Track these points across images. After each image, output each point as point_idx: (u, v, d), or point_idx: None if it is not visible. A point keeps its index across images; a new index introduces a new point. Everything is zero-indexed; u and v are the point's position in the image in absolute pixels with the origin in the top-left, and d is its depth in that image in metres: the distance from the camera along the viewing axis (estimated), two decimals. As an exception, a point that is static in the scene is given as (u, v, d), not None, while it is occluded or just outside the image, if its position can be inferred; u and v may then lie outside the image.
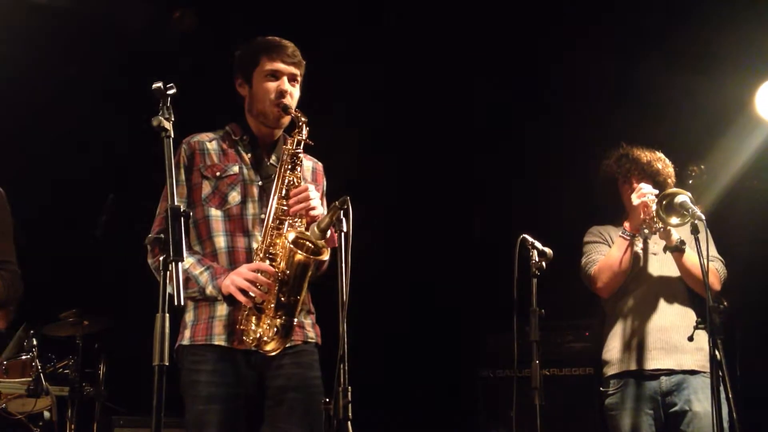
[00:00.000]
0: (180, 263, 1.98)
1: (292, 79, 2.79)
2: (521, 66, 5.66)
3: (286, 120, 2.78)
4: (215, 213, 2.70)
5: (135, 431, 4.69)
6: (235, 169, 2.74)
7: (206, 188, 2.72)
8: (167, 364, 1.94)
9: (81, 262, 5.35)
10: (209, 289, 2.59)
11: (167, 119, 2.16)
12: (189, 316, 2.70)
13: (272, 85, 2.75)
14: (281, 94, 2.74)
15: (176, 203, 2.05)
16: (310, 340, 2.72)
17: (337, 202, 2.44)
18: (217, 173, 2.73)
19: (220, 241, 2.68)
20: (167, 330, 1.96)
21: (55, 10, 4.76)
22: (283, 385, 2.62)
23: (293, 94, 2.79)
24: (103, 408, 5.18)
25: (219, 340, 2.61)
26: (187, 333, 2.67)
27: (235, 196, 2.70)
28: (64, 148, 5.54)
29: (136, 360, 5.31)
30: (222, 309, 2.63)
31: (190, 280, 2.62)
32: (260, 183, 2.75)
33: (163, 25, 5.10)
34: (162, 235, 2.02)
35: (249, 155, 2.78)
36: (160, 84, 2.20)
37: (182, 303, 1.95)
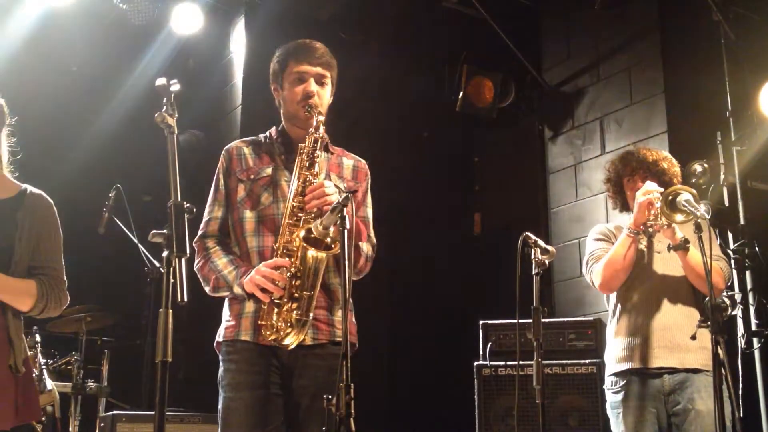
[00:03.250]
0: (184, 259, 1.98)
1: (320, 80, 2.83)
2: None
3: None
4: (249, 215, 2.77)
5: (138, 427, 4.69)
6: (268, 171, 2.81)
7: (241, 191, 2.80)
8: (170, 360, 1.95)
9: (84, 258, 5.36)
10: (235, 288, 2.69)
11: (170, 115, 2.17)
12: (224, 315, 2.80)
13: (299, 88, 2.81)
14: (307, 95, 2.79)
15: (179, 200, 2.05)
16: (338, 339, 2.72)
17: (339, 200, 2.45)
18: (251, 176, 2.81)
19: (252, 241, 2.76)
20: (170, 326, 1.96)
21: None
22: (306, 385, 2.67)
23: (321, 95, 2.83)
24: (106, 404, 5.20)
25: (245, 336, 2.69)
26: (222, 330, 2.77)
27: (267, 197, 2.77)
28: (66, 143, 5.55)
29: (139, 356, 5.35)
30: (249, 306, 2.71)
31: (221, 279, 2.72)
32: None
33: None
34: (165, 231, 2.03)
35: (282, 156, 2.85)
36: (163, 80, 2.20)
37: (185, 300, 1.96)
